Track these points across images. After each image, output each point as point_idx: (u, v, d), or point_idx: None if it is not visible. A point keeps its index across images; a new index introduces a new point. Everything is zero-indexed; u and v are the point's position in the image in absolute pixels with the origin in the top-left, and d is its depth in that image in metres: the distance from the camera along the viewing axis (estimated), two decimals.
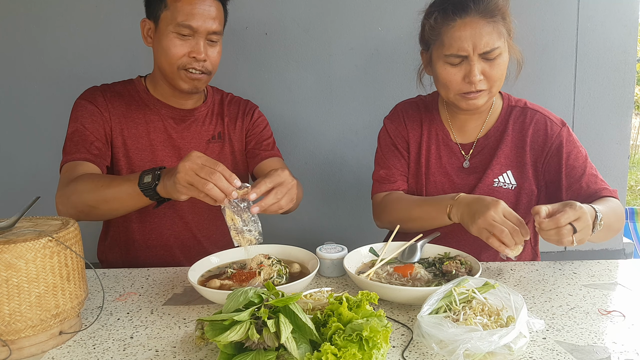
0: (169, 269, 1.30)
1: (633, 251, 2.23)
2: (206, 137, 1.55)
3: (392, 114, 1.54)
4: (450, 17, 1.25)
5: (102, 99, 1.46)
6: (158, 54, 1.42)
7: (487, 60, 1.26)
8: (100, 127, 1.43)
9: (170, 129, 1.51)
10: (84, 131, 1.41)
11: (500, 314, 0.89)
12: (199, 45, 1.37)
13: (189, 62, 1.38)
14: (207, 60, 1.40)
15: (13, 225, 0.92)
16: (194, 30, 1.36)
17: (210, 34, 1.39)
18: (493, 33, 1.24)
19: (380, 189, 1.48)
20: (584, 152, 1.38)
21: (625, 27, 1.98)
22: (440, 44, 1.29)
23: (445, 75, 1.29)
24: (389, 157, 1.49)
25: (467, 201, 1.20)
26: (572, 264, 1.29)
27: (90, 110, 1.43)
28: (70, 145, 1.40)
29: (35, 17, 1.95)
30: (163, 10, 1.37)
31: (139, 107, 1.49)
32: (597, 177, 1.35)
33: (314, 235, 2.03)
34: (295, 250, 1.24)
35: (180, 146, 1.51)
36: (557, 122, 1.39)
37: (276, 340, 0.75)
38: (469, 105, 1.31)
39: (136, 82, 1.53)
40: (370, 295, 0.85)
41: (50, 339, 0.90)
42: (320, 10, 1.97)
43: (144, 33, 1.44)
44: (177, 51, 1.37)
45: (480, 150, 1.43)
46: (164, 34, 1.37)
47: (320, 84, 2.02)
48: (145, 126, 1.48)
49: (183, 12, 1.34)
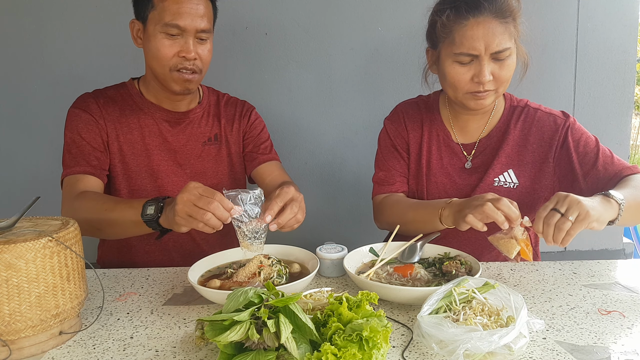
0: (168, 269, 1.30)
1: (633, 251, 2.23)
2: (202, 140, 1.54)
3: (392, 114, 1.53)
4: (464, 15, 1.24)
5: (95, 106, 1.44)
6: (148, 56, 1.39)
7: (497, 61, 1.25)
8: (97, 135, 1.42)
9: (165, 132, 1.49)
10: (80, 141, 1.40)
11: (500, 314, 0.89)
12: (188, 44, 1.35)
13: (179, 62, 1.36)
14: (198, 59, 1.38)
15: (13, 225, 0.92)
16: (182, 30, 1.33)
17: (199, 32, 1.36)
18: (505, 34, 1.23)
19: (380, 191, 1.48)
20: (594, 138, 1.36)
21: (625, 27, 1.98)
22: (450, 42, 1.27)
23: (454, 74, 1.28)
24: (389, 158, 1.49)
25: (458, 202, 1.20)
26: (572, 264, 1.29)
27: (85, 119, 1.42)
28: (68, 157, 1.40)
29: (35, 17, 1.95)
30: (150, 11, 1.34)
31: (132, 111, 1.47)
32: (613, 158, 1.32)
33: (314, 235, 2.03)
34: (295, 250, 1.24)
35: (176, 149, 1.50)
36: (560, 115, 1.39)
37: (276, 340, 0.75)
38: (477, 104, 1.31)
39: (129, 86, 1.51)
40: (370, 295, 0.85)
41: (50, 339, 0.90)
42: (320, 10, 1.97)
43: (133, 34, 1.42)
44: (167, 52, 1.35)
45: (482, 150, 1.43)
46: (152, 35, 1.35)
47: (320, 84, 2.02)
48: (140, 131, 1.47)
49: (170, 12, 1.32)
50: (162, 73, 1.38)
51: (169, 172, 1.50)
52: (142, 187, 1.48)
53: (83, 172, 1.37)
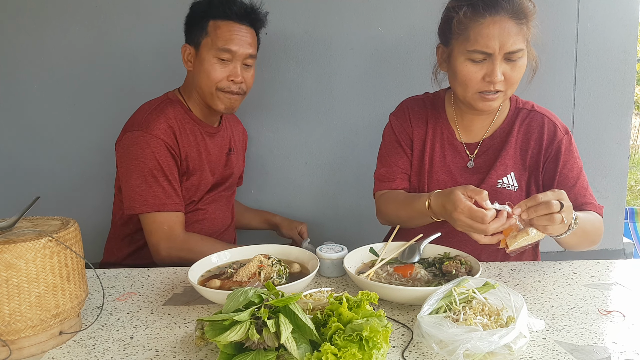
0: (168, 269, 1.30)
1: (633, 251, 2.23)
2: (225, 150, 1.71)
3: (397, 110, 1.53)
4: (481, 13, 1.23)
5: (171, 136, 1.49)
6: (198, 77, 1.53)
7: (510, 62, 1.25)
8: (174, 167, 1.50)
9: (208, 144, 1.63)
10: (164, 172, 1.46)
11: (500, 314, 0.89)
12: (237, 69, 1.52)
13: (227, 86, 1.52)
14: (243, 82, 1.55)
15: (13, 225, 0.92)
16: (232, 54, 1.50)
17: (246, 58, 1.53)
18: (519, 35, 1.23)
19: (380, 188, 1.49)
20: (580, 164, 1.38)
21: (625, 27, 1.97)
22: (464, 39, 1.26)
23: (465, 72, 1.28)
24: (392, 154, 1.49)
25: (437, 201, 1.20)
26: (572, 264, 1.29)
27: (163, 152, 1.46)
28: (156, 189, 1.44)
29: (35, 17, 1.95)
30: (204, 37, 1.51)
31: (192, 129, 1.58)
32: (587, 191, 1.36)
33: (314, 236, 2.03)
34: (295, 250, 1.24)
35: (213, 160, 1.65)
36: (562, 128, 1.39)
37: (276, 340, 0.75)
38: (485, 106, 1.31)
39: (179, 103, 1.58)
40: (370, 295, 0.85)
41: (50, 339, 0.90)
42: (321, 10, 1.97)
43: (184, 57, 1.56)
44: (217, 75, 1.51)
45: (485, 150, 1.43)
46: (206, 59, 1.50)
47: (320, 84, 2.02)
48: (197, 147, 1.58)
49: (223, 38, 1.49)
50: (209, 92, 1.53)
51: (207, 183, 1.63)
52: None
53: (178, 209, 1.48)
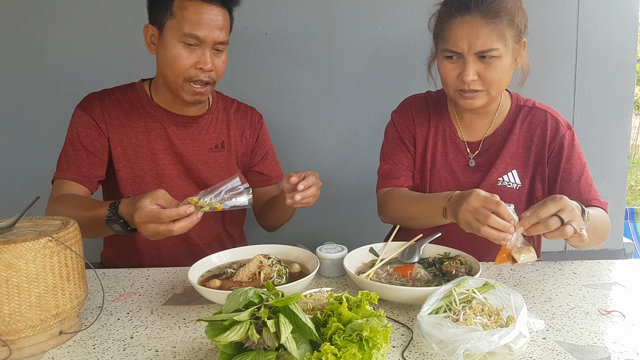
0: (168, 269, 1.30)
1: (633, 251, 2.23)
2: (208, 146, 1.53)
3: (400, 108, 1.53)
4: (452, 13, 1.26)
5: (99, 109, 1.43)
6: (162, 63, 1.38)
7: (483, 61, 1.26)
8: (96, 139, 1.42)
9: (172, 135, 1.48)
10: (78, 145, 1.41)
11: (500, 314, 0.89)
12: (205, 56, 1.35)
13: (195, 74, 1.36)
14: (213, 70, 1.39)
15: (13, 225, 0.92)
16: (200, 40, 1.33)
17: (216, 44, 1.36)
18: (492, 34, 1.23)
19: (384, 185, 1.48)
20: (583, 160, 1.38)
21: (625, 27, 1.98)
22: (441, 38, 1.31)
23: (443, 70, 1.31)
24: (395, 151, 1.48)
25: (453, 200, 1.19)
26: (572, 264, 1.29)
27: (86, 122, 1.42)
28: (64, 159, 1.42)
29: (35, 17, 1.95)
30: (169, 18, 1.33)
31: (139, 114, 1.46)
32: (592, 187, 1.35)
33: (314, 235, 2.03)
34: (295, 250, 1.24)
35: (182, 154, 1.49)
36: (564, 124, 1.39)
37: (276, 340, 0.75)
38: (466, 104, 1.32)
39: (138, 88, 1.50)
40: (370, 295, 0.85)
41: (50, 339, 0.90)
42: (320, 10, 1.97)
43: (147, 39, 1.41)
44: (184, 62, 1.34)
45: (486, 149, 1.43)
46: (170, 43, 1.34)
47: (320, 84, 2.02)
48: (146, 134, 1.46)
49: (190, 22, 1.31)
50: (174, 82, 1.38)
51: (174, 176, 1.49)
52: (148, 191, 1.47)
53: (71, 178, 1.39)
